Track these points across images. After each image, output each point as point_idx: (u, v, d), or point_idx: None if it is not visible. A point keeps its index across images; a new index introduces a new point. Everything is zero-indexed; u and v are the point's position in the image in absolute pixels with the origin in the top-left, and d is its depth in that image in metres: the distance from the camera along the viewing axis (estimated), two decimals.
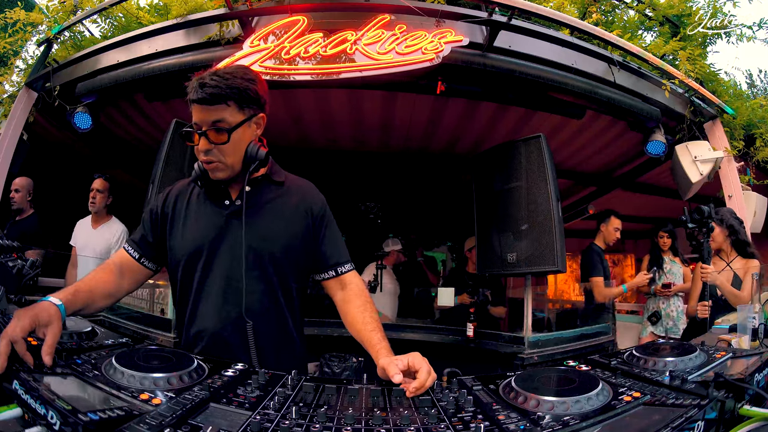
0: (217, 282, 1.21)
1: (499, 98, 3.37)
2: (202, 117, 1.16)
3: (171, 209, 1.29)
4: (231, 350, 1.19)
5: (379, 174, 5.19)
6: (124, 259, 1.28)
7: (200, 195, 1.29)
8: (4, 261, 1.14)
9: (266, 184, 1.30)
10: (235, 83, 1.16)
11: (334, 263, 1.31)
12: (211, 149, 1.18)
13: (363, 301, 1.27)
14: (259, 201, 1.27)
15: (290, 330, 1.27)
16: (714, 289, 2.65)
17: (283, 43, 2.75)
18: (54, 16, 3.21)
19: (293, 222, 1.28)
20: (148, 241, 1.29)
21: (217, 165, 1.20)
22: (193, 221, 1.26)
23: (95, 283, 1.17)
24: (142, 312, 3.21)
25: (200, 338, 1.21)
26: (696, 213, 2.56)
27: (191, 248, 1.23)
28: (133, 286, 1.29)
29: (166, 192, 1.34)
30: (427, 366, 0.93)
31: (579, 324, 3.54)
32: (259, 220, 1.24)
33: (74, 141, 4.12)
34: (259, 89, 1.23)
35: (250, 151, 1.21)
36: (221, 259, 1.22)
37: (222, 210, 1.25)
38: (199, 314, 1.22)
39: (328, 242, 1.32)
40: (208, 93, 1.13)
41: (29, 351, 0.83)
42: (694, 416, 0.70)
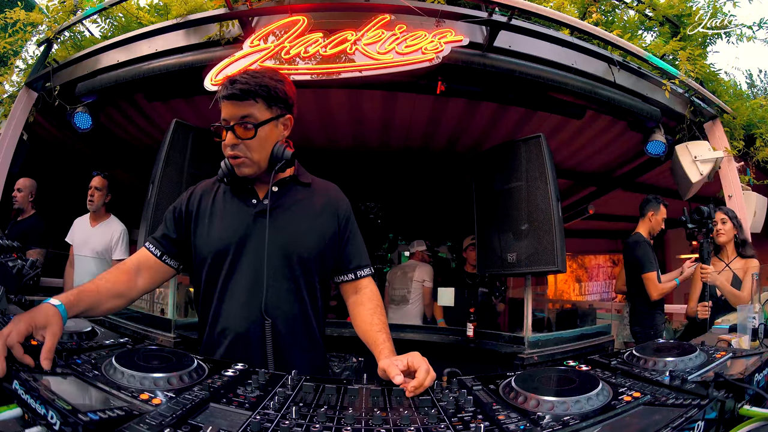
0: (243, 281, 1.21)
1: (499, 98, 3.37)
2: (231, 112, 1.18)
3: (196, 207, 1.29)
4: (255, 350, 1.19)
5: (379, 174, 5.19)
6: (144, 257, 1.26)
7: (226, 194, 1.29)
8: (4, 261, 1.14)
9: (293, 185, 1.31)
10: (264, 81, 1.19)
11: (355, 266, 1.33)
12: (237, 144, 1.19)
13: (374, 305, 1.29)
14: (287, 201, 1.28)
15: (314, 331, 1.27)
16: (714, 290, 2.65)
17: (283, 43, 2.75)
18: (54, 16, 3.20)
19: (321, 223, 1.28)
20: (171, 239, 1.28)
21: (244, 161, 1.21)
22: (219, 220, 1.25)
23: (103, 283, 1.15)
24: (142, 312, 3.21)
25: (224, 337, 1.21)
26: (696, 213, 2.56)
27: (218, 246, 1.23)
28: (150, 285, 1.27)
29: (191, 190, 1.34)
30: (426, 365, 0.93)
31: (635, 328, 3.22)
32: (288, 220, 1.25)
33: (74, 141, 4.12)
34: (288, 90, 1.25)
35: (277, 151, 1.23)
36: (248, 258, 1.21)
37: (250, 209, 1.25)
38: (224, 313, 1.22)
39: (352, 245, 1.33)
40: (238, 89, 1.16)
41: (30, 353, 0.82)
42: (694, 416, 0.70)
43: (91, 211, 3.35)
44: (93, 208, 3.32)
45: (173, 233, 1.28)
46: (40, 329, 0.87)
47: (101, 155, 4.60)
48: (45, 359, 0.82)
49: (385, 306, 1.41)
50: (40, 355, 0.82)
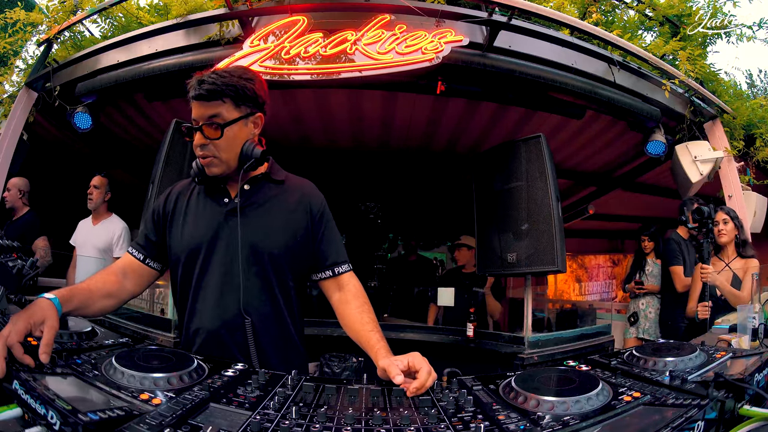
0: (215, 279, 1.22)
1: (499, 98, 3.37)
2: (200, 113, 1.19)
3: (172, 208, 1.30)
4: (228, 348, 1.19)
5: (379, 174, 5.19)
6: (129, 261, 1.29)
7: (200, 194, 1.30)
8: (4, 261, 1.14)
9: (266, 183, 1.31)
10: (231, 81, 1.19)
11: (331, 263, 1.31)
12: (206, 144, 1.20)
13: (361, 302, 1.27)
14: (259, 199, 1.28)
15: (288, 328, 1.27)
16: (714, 290, 2.65)
17: (283, 43, 2.75)
18: (54, 16, 3.20)
19: (292, 220, 1.28)
20: (151, 241, 1.30)
21: (212, 160, 1.21)
22: (192, 219, 1.27)
23: (94, 283, 1.18)
24: (142, 312, 3.22)
25: (198, 336, 1.22)
26: (696, 213, 2.56)
27: (190, 246, 1.24)
28: (138, 288, 1.29)
29: (168, 191, 1.35)
30: (428, 366, 0.93)
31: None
32: (259, 218, 1.25)
33: (74, 141, 4.12)
34: (257, 89, 1.24)
35: (246, 150, 1.23)
36: (219, 257, 1.22)
37: (221, 208, 1.26)
38: (198, 312, 1.23)
39: (327, 242, 1.32)
40: (205, 89, 1.16)
41: (29, 352, 0.83)
42: (694, 416, 0.70)
43: (91, 209, 3.35)
44: (92, 206, 3.32)
45: (153, 235, 1.30)
46: (38, 325, 0.88)
47: (101, 155, 4.60)
48: (43, 353, 0.83)
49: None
50: (39, 350, 0.83)
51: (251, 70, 1.30)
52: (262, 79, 1.28)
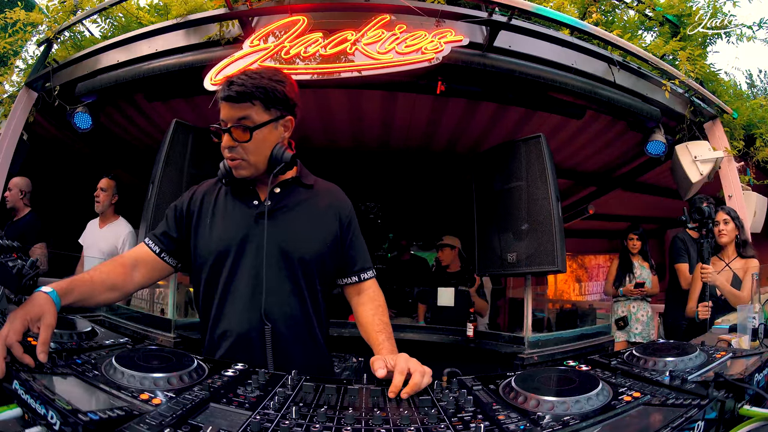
0: (244, 282, 1.20)
1: (499, 98, 3.37)
2: (228, 114, 1.17)
3: (197, 208, 1.28)
4: (256, 351, 1.18)
5: (379, 174, 5.19)
6: (143, 252, 1.25)
7: (228, 195, 1.28)
8: (4, 261, 1.14)
9: (295, 186, 1.30)
10: (261, 83, 1.17)
11: (359, 269, 1.32)
12: (234, 146, 1.18)
13: (376, 305, 1.29)
14: (289, 203, 1.26)
15: (315, 332, 1.26)
16: (714, 290, 2.65)
17: (283, 43, 2.75)
18: (54, 16, 3.20)
19: (323, 225, 1.28)
20: (171, 237, 1.27)
21: (240, 163, 1.20)
22: (221, 220, 1.25)
23: (98, 274, 1.13)
24: (142, 312, 3.21)
25: (225, 339, 1.20)
26: (696, 213, 2.56)
27: (219, 248, 1.22)
28: (147, 281, 1.25)
29: (192, 190, 1.33)
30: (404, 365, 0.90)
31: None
32: (290, 222, 1.24)
33: (74, 141, 4.12)
34: (288, 91, 1.22)
35: (276, 153, 1.21)
36: (249, 259, 1.20)
37: (251, 210, 1.24)
38: (225, 315, 1.21)
39: (355, 248, 1.33)
40: (235, 91, 1.14)
41: (29, 352, 0.82)
42: (694, 416, 0.70)
43: (97, 212, 3.34)
44: (99, 209, 3.30)
45: (174, 232, 1.27)
46: (36, 322, 0.87)
47: (101, 155, 4.60)
48: (41, 352, 0.82)
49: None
50: (37, 348, 0.82)
51: (282, 72, 1.27)
52: (293, 81, 1.27)
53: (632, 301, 3.91)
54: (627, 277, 3.97)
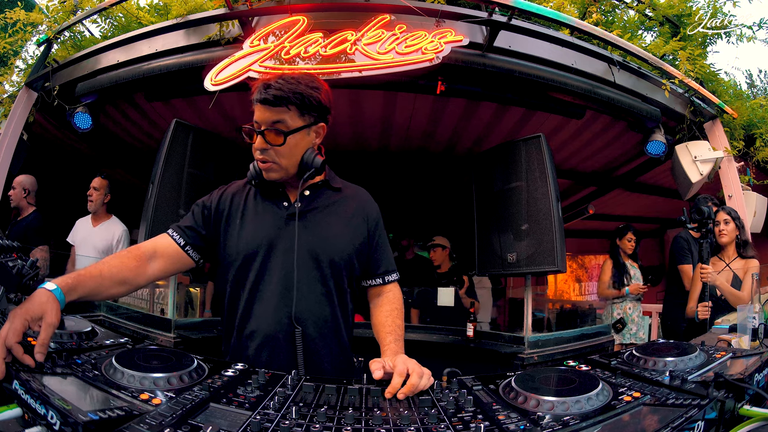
0: (273, 283, 1.20)
1: (499, 98, 3.37)
2: (263, 117, 1.18)
3: (227, 207, 1.28)
4: (284, 352, 1.18)
5: (379, 174, 5.19)
6: (165, 243, 1.23)
7: (257, 196, 1.29)
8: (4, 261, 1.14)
9: (324, 190, 1.31)
10: (299, 89, 1.18)
11: (383, 271, 1.34)
12: (267, 149, 1.19)
13: (392, 308, 1.30)
14: (318, 205, 1.28)
15: (342, 335, 1.27)
16: (714, 290, 2.65)
17: (283, 43, 2.75)
18: (54, 16, 3.20)
19: (351, 228, 1.29)
20: (198, 233, 1.26)
21: (271, 165, 1.21)
22: (251, 221, 1.25)
23: (107, 268, 1.11)
24: (142, 312, 3.21)
25: (252, 339, 1.20)
26: (696, 213, 2.56)
27: (249, 248, 1.22)
28: (163, 273, 1.23)
29: (222, 190, 1.34)
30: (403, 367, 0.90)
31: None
32: (319, 224, 1.25)
33: (74, 141, 4.12)
34: (323, 98, 1.23)
35: (306, 159, 1.22)
36: (278, 261, 1.21)
37: (281, 211, 1.25)
38: (254, 315, 1.21)
39: (380, 250, 1.35)
40: (272, 94, 1.15)
41: (29, 352, 0.82)
42: (694, 416, 0.70)
43: (90, 211, 3.35)
44: (92, 208, 3.32)
45: (202, 228, 1.26)
46: (36, 321, 0.86)
47: (101, 155, 4.60)
48: (38, 353, 0.81)
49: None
50: (35, 348, 0.81)
51: (318, 79, 1.28)
52: (328, 88, 1.27)
53: (628, 302, 3.88)
54: (624, 277, 3.93)
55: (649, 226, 7.06)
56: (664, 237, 7.10)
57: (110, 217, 3.37)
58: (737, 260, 2.79)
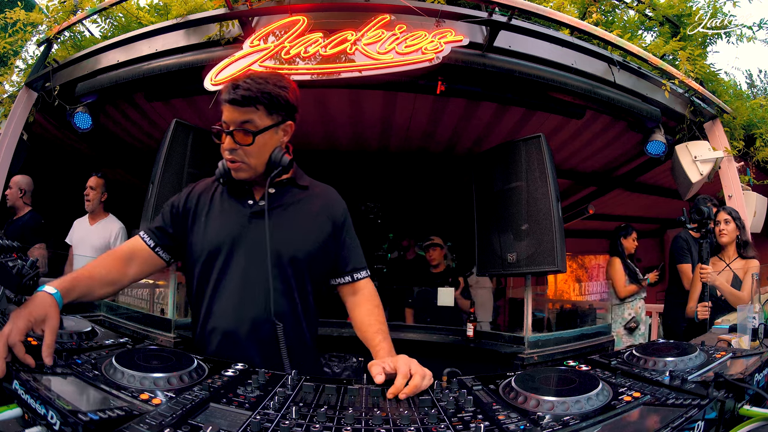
0: (235, 280, 1.21)
1: (499, 98, 3.37)
2: (232, 117, 1.18)
3: (194, 205, 1.29)
4: (244, 349, 1.19)
5: (379, 174, 5.19)
6: (138, 246, 1.27)
7: (224, 193, 1.30)
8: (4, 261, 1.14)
9: (290, 188, 1.32)
10: (267, 89, 1.19)
11: (351, 269, 1.33)
12: (236, 149, 1.20)
13: (372, 305, 1.29)
14: (283, 203, 1.28)
15: (304, 333, 1.27)
16: (714, 290, 2.65)
17: (283, 43, 2.75)
18: (54, 16, 3.21)
19: (316, 226, 1.29)
20: (167, 232, 1.29)
21: (240, 165, 1.21)
22: (215, 218, 1.26)
23: (98, 270, 1.16)
24: (142, 312, 3.21)
25: (214, 335, 1.21)
26: (696, 213, 2.56)
27: (212, 245, 1.23)
28: (140, 275, 1.27)
29: (190, 188, 1.35)
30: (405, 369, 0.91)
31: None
32: (283, 222, 1.25)
33: (74, 141, 4.12)
34: (291, 97, 1.25)
35: (274, 157, 1.23)
36: (241, 258, 1.22)
37: (245, 209, 1.26)
38: (215, 312, 1.22)
39: (348, 248, 1.34)
40: (240, 95, 1.16)
41: (30, 352, 0.82)
42: (694, 416, 0.70)
43: (88, 210, 3.35)
44: (89, 207, 3.32)
45: (170, 228, 1.29)
46: (39, 323, 0.87)
47: (101, 155, 4.60)
48: (47, 356, 0.82)
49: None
50: (42, 352, 0.82)
51: (286, 78, 1.29)
52: (295, 86, 1.29)
53: (638, 302, 3.88)
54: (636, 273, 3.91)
55: (649, 226, 7.06)
56: (664, 237, 7.10)
57: (107, 215, 3.37)
58: (737, 260, 2.79)
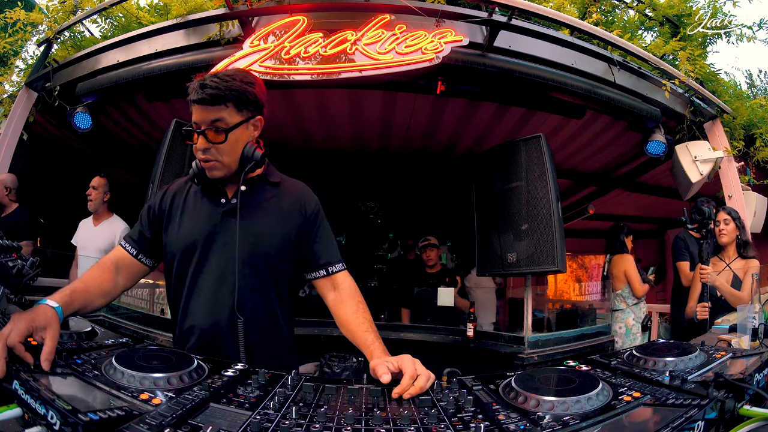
0: (210, 278, 1.22)
1: (499, 98, 3.37)
2: (202, 117, 1.19)
3: (168, 206, 1.31)
4: (222, 346, 1.20)
5: (379, 174, 5.19)
6: (121, 256, 1.29)
7: (197, 193, 1.31)
8: (4, 261, 1.14)
9: (262, 185, 1.32)
10: (234, 85, 1.19)
11: (325, 263, 1.32)
12: (209, 148, 1.20)
13: (356, 302, 1.28)
14: (255, 200, 1.29)
15: (281, 327, 1.29)
16: (714, 290, 2.65)
17: (283, 43, 2.75)
18: (54, 16, 3.21)
19: (287, 221, 1.30)
20: (145, 238, 1.30)
21: (214, 164, 1.22)
22: (189, 218, 1.28)
23: (92, 283, 1.18)
24: (142, 312, 3.22)
25: (192, 333, 1.22)
26: (697, 213, 2.56)
27: (186, 244, 1.25)
28: (129, 282, 1.30)
29: (164, 189, 1.36)
30: (412, 369, 0.91)
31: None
32: (254, 219, 1.26)
33: (74, 141, 4.12)
34: (258, 92, 1.25)
35: (247, 152, 1.24)
36: (215, 256, 1.23)
37: (218, 208, 1.27)
38: (191, 310, 1.24)
39: (320, 242, 1.33)
40: (208, 94, 1.16)
41: (29, 351, 0.83)
42: (694, 416, 0.70)
43: (91, 211, 3.35)
44: (92, 207, 3.31)
45: (148, 232, 1.31)
46: (40, 330, 0.88)
47: (101, 155, 4.60)
48: (45, 360, 0.82)
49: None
50: (41, 357, 0.82)
51: (251, 74, 1.30)
52: (261, 81, 1.29)
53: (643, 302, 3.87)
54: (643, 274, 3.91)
55: (649, 226, 7.05)
56: (664, 237, 7.10)
57: (111, 216, 3.37)
58: (737, 260, 2.79)
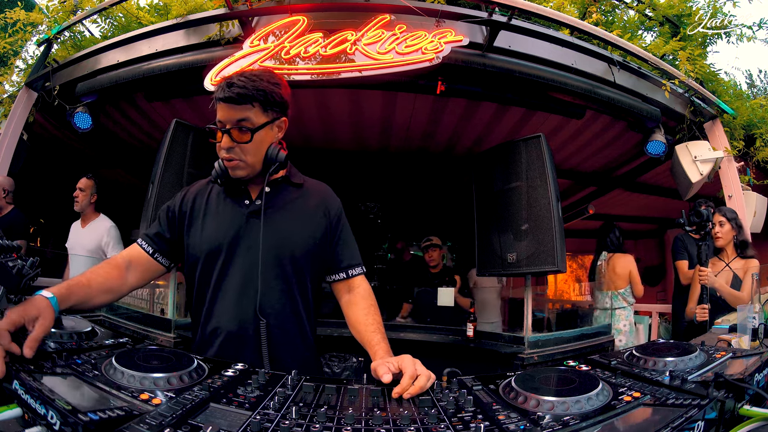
0: (235, 280, 1.21)
1: (499, 98, 3.37)
2: (228, 115, 1.18)
3: (189, 207, 1.29)
4: (247, 349, 1.19)
5: (379, 174, 5.19)
6: (136, 253, 1.27)
7: (220, 194, 1.30)
8: (4, 261, 1.14)
9: (285, 186, 1.32)
10: (261, 86, 1.19)
11: (346, 265, 1.33)
12: (233, 147, 1.20)
13: (368, 304, 1.29)
14: (279, 202, 1.28)
15: (305, 330, 1.28)
16: (714, 290, 2.65)
17: (283, 43, 2.75)
18: (54, 16, 3.21)
19: (312, 223, 1.29)
20: (164, 237, 1.29)
21: (238, 163, 1.22)
22: (212, 219, 1.26)
23: (96, 278, 1.15)
24: (142, 312, 3.21)
25: (216, 336, 1.21)
26: (695, 215, 2.56)
27: (211, 246, 1.23)
28: (140, 282, 1.27)
29: (185, 190, 1.35)
30: (412, 369, 0.91)
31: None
32: (280, 221, 1.26)
33: (74, 141, 4.12)
34: (284, 93, 1.25)
35: (271, 153, 1.23)
36: (240, 258, 1.22)
37: (242, 209, 1.26)
38: (216, 312, 1.22)
39: (343, 244, 1.34)
40: (236, 93, 1.16)
41: (16, 341, 0.81)
42: (694, 416, 0.70)
43: (78, 211, 3.33)
44: (78, 208, 3.28)
45: (167, 232, 1.29)
46: (32, 320, 0.87)
47: (101, 155, 4.60)
48: (28, 347, 0.81)
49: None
50: (25, 343, 0.81)
51: (277, 74, 1.29)
52: (286, 82, 1.29)
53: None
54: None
55: (649, 226, 7.06)
56: (664, 237, 7.10)
57: (98, 216, 3.34)
58: (737, 260, 2.79)
